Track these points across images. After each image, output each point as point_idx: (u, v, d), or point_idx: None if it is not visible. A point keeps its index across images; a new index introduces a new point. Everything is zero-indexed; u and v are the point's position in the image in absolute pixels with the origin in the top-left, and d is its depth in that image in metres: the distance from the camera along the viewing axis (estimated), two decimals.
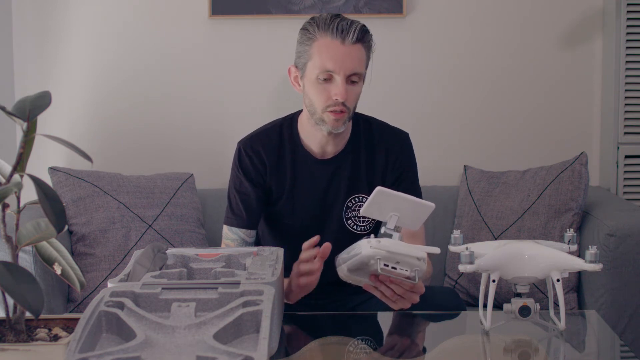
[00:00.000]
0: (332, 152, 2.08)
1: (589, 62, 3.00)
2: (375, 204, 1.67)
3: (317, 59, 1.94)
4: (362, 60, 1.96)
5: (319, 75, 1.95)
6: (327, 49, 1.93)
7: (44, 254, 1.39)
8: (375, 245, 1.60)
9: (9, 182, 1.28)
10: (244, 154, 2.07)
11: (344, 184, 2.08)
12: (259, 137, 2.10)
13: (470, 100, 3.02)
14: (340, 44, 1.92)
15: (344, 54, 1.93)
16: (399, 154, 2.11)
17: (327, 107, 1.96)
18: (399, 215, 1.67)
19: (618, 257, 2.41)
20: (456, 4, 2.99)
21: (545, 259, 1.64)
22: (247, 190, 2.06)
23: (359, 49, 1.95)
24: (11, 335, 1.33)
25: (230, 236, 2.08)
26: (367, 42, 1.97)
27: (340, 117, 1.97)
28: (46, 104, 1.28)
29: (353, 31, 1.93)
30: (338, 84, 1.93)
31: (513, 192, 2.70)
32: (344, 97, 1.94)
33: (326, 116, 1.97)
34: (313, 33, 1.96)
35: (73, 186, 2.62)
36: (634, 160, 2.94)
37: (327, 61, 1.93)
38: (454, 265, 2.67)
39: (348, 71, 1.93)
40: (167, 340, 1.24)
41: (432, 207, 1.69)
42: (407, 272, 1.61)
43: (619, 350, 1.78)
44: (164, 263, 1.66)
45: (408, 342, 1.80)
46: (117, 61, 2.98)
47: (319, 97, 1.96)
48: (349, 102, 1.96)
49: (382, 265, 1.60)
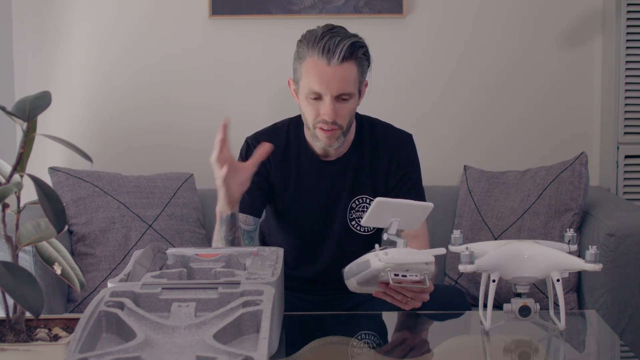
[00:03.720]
0: (337, 153, 2.09)
1: (589, 62, 3.00)
2: (375, 214, 1.67)
3: (305, 79, 1.95)
4: (350, 79, 1.94)
5: (308, 95, 1.96)
6: (314, 70, 1.93)
7: (44, 254, 1.39)
8: (384, 258, 1.61)
9: (9, 182, 1.28)
10: (252, 147, 2.08)
11: (347, 185, 2.09)
12: (266, 133, 2.12)
13: (470, 100, 3.02)
14: (326, 65, 1.91)
15: (330, 75, 1.91)
16: (403, 156, 2.11)
17: (317, 123, 1.97)
18: (400, 219, 1.67)
19: (618, 257, 2.41)
20: (456, 4, 2.99)
21: (545, 259, 1.64)
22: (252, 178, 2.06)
23: (347, 68, 1.92)
24: (11, 335, 1.33)
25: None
26: (358, 57, 1.94)
27: (332, 134, 1.98)
28: (46, 104, 1.28)
29: (340, 50, 1.90)
30: (326, 104, 1.94)
31: (513, 192, 2.70)
32: (332, 118, 1.94)
33: (318, 132, 1.99)
34: (302, 51, 1.95)
35: (73, 186, 2.62)
36: (634, 160, 2.94)
37: (313, 83, 1.93)
38: (454, 265, 2.67)
39: (335, 92, 1.93)
40: (167, 340, 1.24)
41: (431, 206, 1.70)
42: (417, 277, 1.62)
43: (619, 350, 1.78)
44: (164, 263, 1.66)
45: (409, 341, 1.80)
46: (117, 61, 2.98)
47: (309, 114, 1.98)
48: (340, 119, 1.96)
49: (393, 275, 1.61)
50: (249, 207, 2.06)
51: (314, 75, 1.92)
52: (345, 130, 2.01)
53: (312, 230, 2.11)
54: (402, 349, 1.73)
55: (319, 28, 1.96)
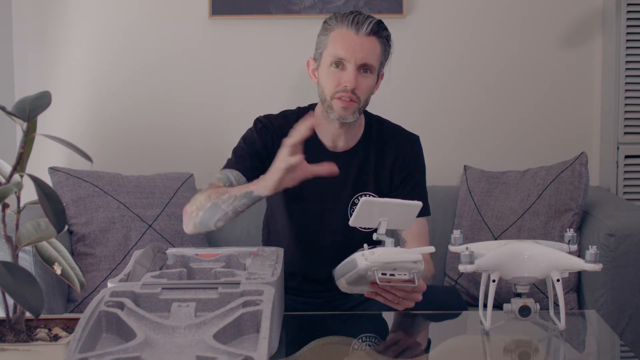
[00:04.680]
0: (344, 146, 2.10)
1: (589, 62, 3.00)
2: (362, 214, 1.66)
3: (331, 47, 2.01)
4: (374, 52, 2.01)
5: (331, 62, 2.00)
6: (341, 38, 2.00)
7: (44, 254, 1.39)
8: (370, 257, 1.60)
9: (9, 182, 1.28)
10: (264, 125, 2.10)
11: (351, 179, 2.09)
12: (277, 117, 2.14)
13: (470, 100, 3.02)
14: (355, 34, 1.99)
15: (356, 43, 1.98)
16: (408, 157, 2.13)
17: (336, 93, 2.00)
18: (388, 219, 1.67)
19: (618, 257, 2.41)
20: (456, 4, 2.99)
21: (545, 259, 1.64)
22: (258, 148, 2.07)
23: (373, 41, 2.00)
24: (11, 335, 1.33)
25: (217, 176, 2.03)
26: (383, 37, 2.02)
27: (349, 106, 2.00)
28: (46, 104, 1.28)
29: (368, 23, 1.99)
30: (349, 71, 1.98)
31: (513, 192, 2.70)
32: (353, 85, 1.98)
33: (334, 103, 2.01)
34: (331, 24, 2.03)
35: (73, 186, 2.62)
36: (634, 160, 2.94)
37: (339, 49, 1.99)
38: (454, 265, 2.67)
39: (359, 60, 1.98)
40: (167, 340, 1.24)
41: (420, 205, 1.68)
42: (406, 276, 1.61)
43: (619, 350, 1.78)
44: (164, 263, 1.66)
45: (408, 341, 1.80)
46: (117, 61, 2.98)
47: (329, 83, 2.01)
48: (359, 92, 2.00)
49: (380, 275, 1.60)
50: (245, 168, 2.03)
51: (341, 41, 1.99)
52: (362, 107, 2.03)
53: (314, 221, 2.10)
54: (402, 349, 1.73)
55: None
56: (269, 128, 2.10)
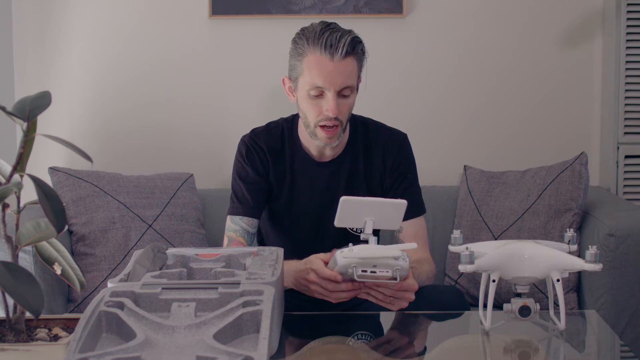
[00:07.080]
0: (331, 155, 2.10)
1: (589, 62, 3.00)
2: (344, 214, 1.66)
3: (307, 75, 1.94)
4: (352, 73, 1.96)
5: (309, 91, 1.95)
6: (316, 66, 1.93)
7: (44, 254, 1.39)
8: (349, 254, 1.60)
9: (9, 182, 1.28)
10: (249, 147, 2.09)
11: (342, 187, 2.09)
12: (262, 134, 2.12)
13: (470, 100, 3.02)
14: (329, 60, 1.92)
15: (332, 70, 1.92)
16: (397, 156, 2.11)
17: (318, 122, 1.98)
18: (374, 219, 1.66)
19: (618, 257, 2.41)
20: (456, 4, 2.99)
21: (545, 259, 1.64)
22: (252, 179, 2.07)
23: (349, 62, 1.94)
24: (11, 335, 1.33)
25: (232, 227, 2.07)
26: (358, 52, 1.96)
27: (333, 133, 1.99)
28: (46, 104, 1.28)
29: (342, 45, 1.91)
30: (329, 99, 1.94)
31: (513, 192, 2.70)
32: (335, 113, 1.95)
33: (318, 132, 1.99)
34: (302, 48, 1.95)
35: (73, 186, 2.62)
36: (634, 160, 2.94)
37: (317, 78, 1.93)
38: (454, 265, 2.67)
39: (338, 87, 1.94)
40: (167, 340, 1.24)
41: (404, 204, 1.68)
42: (389, 274, 1.61)
43: (619, 350, 1.78)
44: (164, 263, 1.66)
45: (407, 341, 1.80)
46: (117, 61, 2.98)
47: (310, 112, 1.98)
48: (341, 116, 1.97)
49: (360, 272, 1.60)
50: (252, 209, 2.06)
51: (317, 70, 1.93)
52: (344, 127, 2.01)
53: (307, 232, 2.11)
54: (402, 349, 1.73)
55: (313, 25, 1.97)
56: (255, 149, 2.09)
